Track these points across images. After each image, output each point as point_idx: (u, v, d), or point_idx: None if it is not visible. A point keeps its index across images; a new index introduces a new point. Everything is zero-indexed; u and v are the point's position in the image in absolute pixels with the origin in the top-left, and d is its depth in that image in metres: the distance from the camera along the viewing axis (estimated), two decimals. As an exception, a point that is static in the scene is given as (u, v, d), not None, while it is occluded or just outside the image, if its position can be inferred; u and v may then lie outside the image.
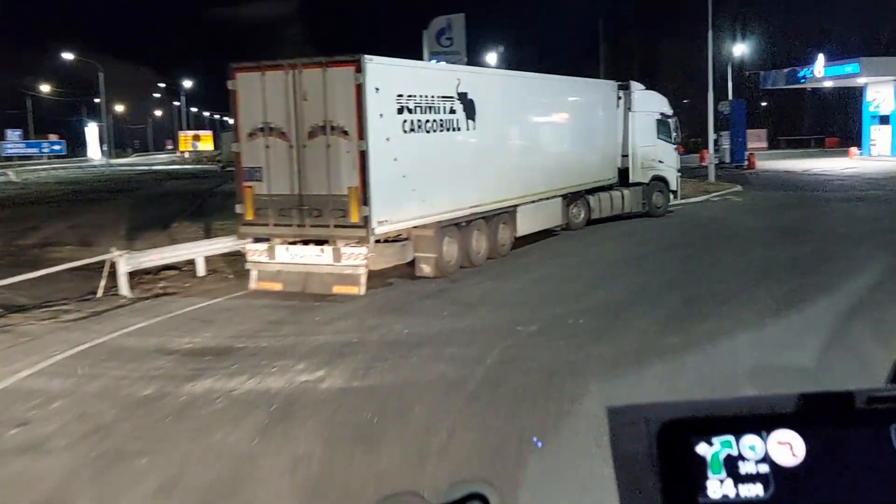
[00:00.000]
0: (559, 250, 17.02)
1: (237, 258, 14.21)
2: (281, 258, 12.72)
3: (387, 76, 12.73)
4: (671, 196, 22.69)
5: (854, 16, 61.55)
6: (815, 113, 72.05)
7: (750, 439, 0.74)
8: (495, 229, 15.91)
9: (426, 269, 13.89)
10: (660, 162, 22.27)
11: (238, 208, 13.04)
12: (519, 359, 9.00)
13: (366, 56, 12.17)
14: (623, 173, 21.68)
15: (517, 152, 17.10)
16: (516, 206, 16.66)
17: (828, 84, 47.83)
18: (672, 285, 12.81)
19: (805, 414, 0.74)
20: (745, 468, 0.73)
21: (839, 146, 66.89)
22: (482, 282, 13.87)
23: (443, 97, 14.06)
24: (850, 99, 67.71)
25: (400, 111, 12.93)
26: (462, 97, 14.57)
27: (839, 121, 71.14)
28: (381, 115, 12.47)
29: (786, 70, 47.98)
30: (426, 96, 13.59)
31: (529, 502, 5.49)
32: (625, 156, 21.69)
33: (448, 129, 14.18)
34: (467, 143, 14.94)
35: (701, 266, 14.50)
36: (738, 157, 42.43)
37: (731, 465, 0.73)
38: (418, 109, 13.35)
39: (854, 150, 47.23)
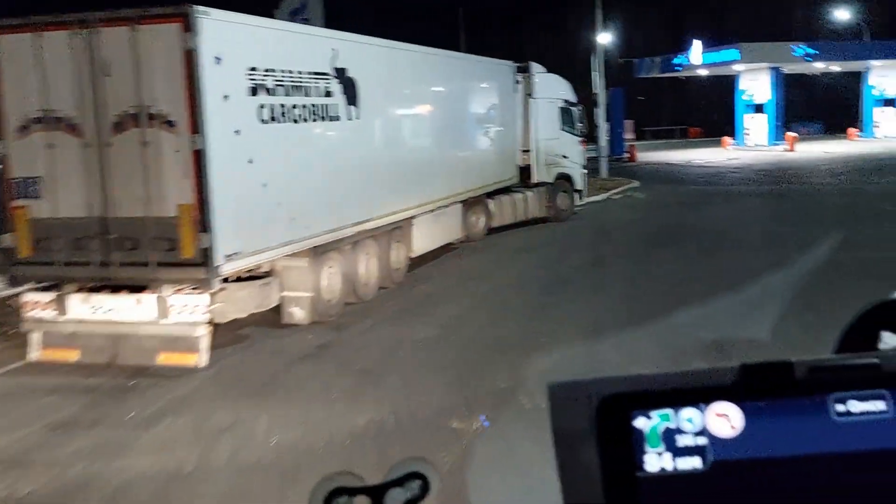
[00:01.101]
0: (466, 271, 13.41)
1: (8, 311, 9.75)
2: (77, 313, 8.44)
3: (233, 40, 8.71)
4: (577, 197, 19.57)
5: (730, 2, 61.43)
6: (677, 103, 72.02)
7: (688, 412, 0.73)
8: (387, 250, 12.14)
9: (299, 314, 9.95)
10: (564, 157, 19.08)
11: (6, 239, 8.63)
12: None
13: (198, 8, 8.09)
14: (523, 171, 18.35)
15: (413, 148, 13.37)
16: (412, 217, 12.94)
17: (703, 72, 46.58)
18: (634, 319, 9.39)
19: (744, 385, 0.73)
20: (682, 441, 0.72)
21: (702, 136, 67.18)
22: (378, 327, 10.08)
23: (315, 74, 10.13)
24: (718, 88, 67.87)
25: (254, 91, 8.94)
26: (341, 75, 10.69)
27: (703, 111, 71.42)
28: (225, 98, 8.44)
29: (660, 58, 46.40)
30: (292, 72, 9.63)
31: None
32: (525, 151, 18.36)
33: (323, 118, 10.29)
34: (350, 136, 11.09)
35: (651, 287, 11.24)
36: (618, 149, 40.15)
37: (669, 438, 0.72)
38: (281, 90, 9.39)
39: (728, 139, 46.21)
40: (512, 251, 15.10)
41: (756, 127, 44.92)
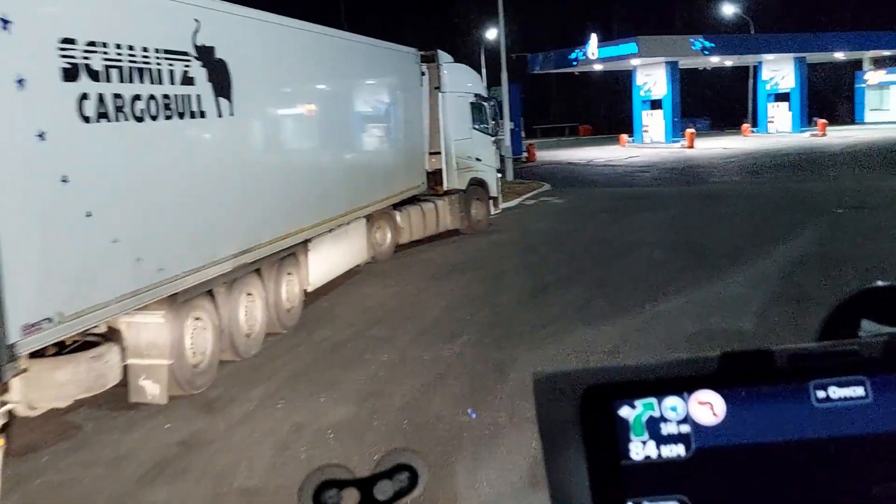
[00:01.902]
0: (376, 306, 10.71)
1: None
2: None
3: (33, -4, 5.79)
4: (492, 205, 17.16)
5: None
6: (566, 100, 71.10)
7: (671, 401, 0.73)
8: (277, 286, 9.35)
9: (152, 389, 7.07)
10: (477, 160, 16.64)
11: None
12: None
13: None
14: (432, 178, 15.81)
15: (305, 153, 10.63)
16: (308, 241, 10.17)
17: (599, 67, 45.22)
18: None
19: (726, 373, 0.74)
20: (666, 429, 0.73)
21: (593, 134, 66.51)
22: (268, 403, 7.29)
23: (169, 53, 7.24)
24: (611, 84, 67.29)
25: (71, 75, 6.00)
26: (206, 56, 7.83)
27: (594, 108, 70.75)
28: (19, 83, 5.49)
29: (554, 52, 44.75)
30: (133, 49, 6.73)
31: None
32: (434, 154, 15.82)
33: (182, 115, 7.40)
34: (221, 139, 8.24)
35: (624, 329, 8.86)
36: (517, 149, 38.18)
37: (653, 426, 0.73)
38: (115, 73, 6.47)
39: (625, 137, 45.03)
40: (429, 276, 12.49)
41: (654, 124, 43.86)
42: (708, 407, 0.74)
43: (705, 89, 59.61)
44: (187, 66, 7.50)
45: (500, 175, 17.73)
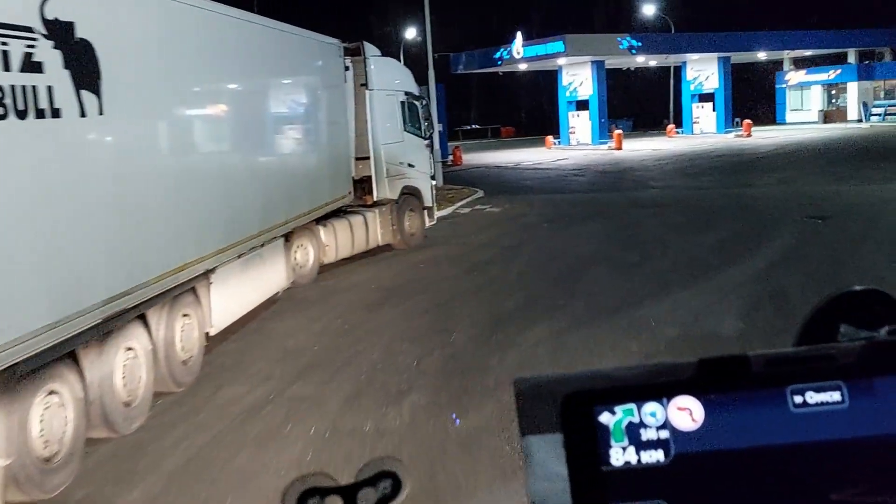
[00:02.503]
0: (301, 347, 8.72)
1: None
2: None
3: None
4: (426, 216, 15.30)
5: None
6: (487, 101, 69.83)
7: (651, 406, 0.73)
8: (169, 333, 7.29)
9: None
10: (410, 166, 14.77)
11: None
12: None
13: None
14: (360, 186, 13.88)
15: (205, 161, 8.51)
16: (210, 272, 8.11)
17: (524, 67, 43.85)
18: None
19: (704, 379, 0.74)
20: (646, 435, 0.73)
21: (516, 136, 65.43)
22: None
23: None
24: (535, 85, 66.26)
25: None
26: (60, 33, 5.74)
27: (517, 109, 69.66)
28: None
29: (478, 52, 43.18)
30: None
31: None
32: (362, 159, 13.89)
33: (23, 115, 5.29)
34: (86, 146, 6.15)
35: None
36: (443, 151, 36.44)
37: (632, 432, 0.73)
38: None
39: (551, 139, 43.80)
40: (361, 305, 10.54)
41: (581, 125, 42.73)
42: (687, 412, 0.73)
43: (627, 90, 59.13)
44: (31, 45, 5.40)
45: (434, 182, 15.88)
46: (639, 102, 62.84)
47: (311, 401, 7.08)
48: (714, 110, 46.13)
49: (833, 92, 51.10)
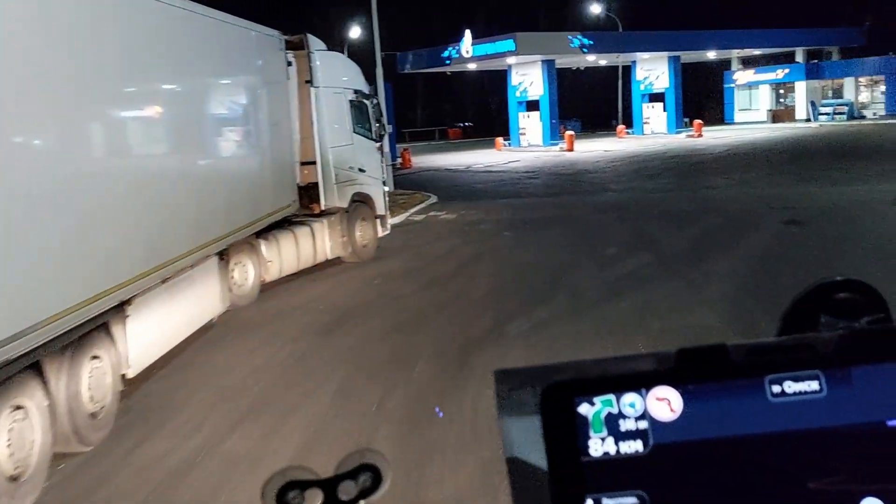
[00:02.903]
0: (238, 385, 7.43)
1: None
2: None
3: None
4: (379, 224, 14.07)
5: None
6: (435, 102, 68.72)
7: (630, 397, 0.74)
8: (72, 382, 5.96)
9: None
10: (361, 171, 13.53)
11: None
12: None
13: None
14: (306, 194, 12.63)
15: (124, 172, 7.14)
16: (126, 302, 6.78)
17: (473, 66, 42.81)
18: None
19: (683, 369, 0.74)
20: (625, 425, 0.73)
21: (464, 137, 64.45)
22: None
23: None
24: (483, 85, 65.39)
25: None
26: None
27: (465, 110, 68.69)
28: None
29: (426, 51, 42.02)
30: None
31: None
32: (307, 163, 12.63)
33: None
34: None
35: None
36: (391, 154, 35.21)
37: (611, 423, 0.73)
38: None
39: (501, 140, 42.85)
40: (309, 329, 9.28)
41: (531, 126, 41.84)
42: (665, 403, 0.73)
43: (574, 90, 58.57)
44: None
45: (387, 188, 14.65)
46: (586, 103, 62.41)
47: (250, 460, 5.81)
48: (665, 110, 45.68)
49: (781, 91, 51.17)
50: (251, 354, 8.45)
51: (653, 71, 45.54)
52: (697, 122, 42.92)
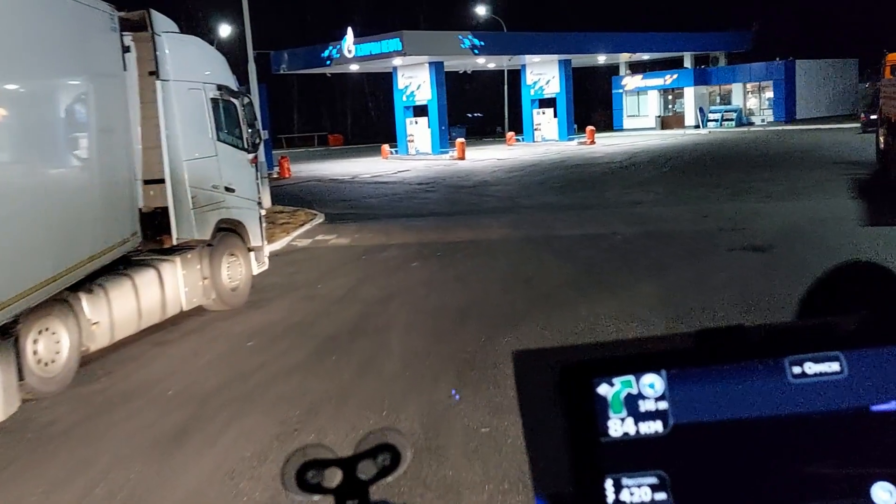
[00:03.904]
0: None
1: None
2: None
3: None
4: (254, 260, 10.90)
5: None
6: (311, 105, 65.09)
7: (649, 378, 0.74)
8: None
9: None
10: (228, 191, 10.35)
11: None
12: None
13: None
14: (152, 223, 9.38)
15: None
16: None
17: (356, 67, 39.67)
18: None
19: (702, 350, 0.74)
20: (644, 406, 0.73)
21: (346, 144, 61.25)
22: None
23: None
24: (361, 87, 62.31)
25: None
26: None
27: (343, 114, 65.42)
28: None
29: (304, 49, 38.60)
30: None
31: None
32: (153, 182, 9.37)
33: None
34: None
35: None
36: (268, 163, 31.71)
37: (631, 403, 0.73)
38: None
39: (387, 148, 39.93)
40: (149, 443, 6.09)
41: (419, 133, 39.09)
42: (684, 383, 0.73)
43: (459, 95, 56.32)
44: None
45: (262, 211, 11.47)
46: (471, 108, 60.34)
47: None
48: (556, 116, 43.88)
49: (670, 97, 50.39)
50: (46, 500, 5.21)
51: (543, 75, 43.68)
52: (590, 128, 41.27)
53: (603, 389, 0.73)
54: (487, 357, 7.50)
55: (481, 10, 50.04)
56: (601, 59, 47.33)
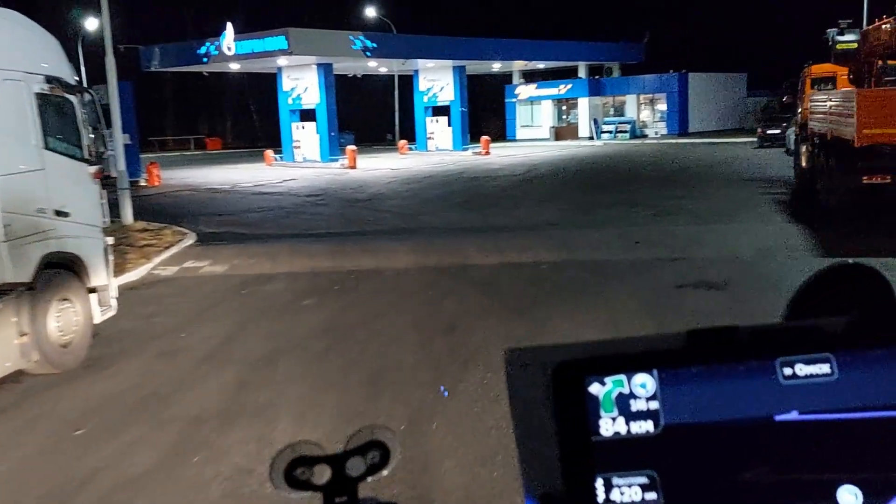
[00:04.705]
0: None
1: None
2: None
3: None
4: (96, 304, 8.38)
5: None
6: (189, 105, 61.21)
7: (641, 377, 0.74)
8: None
9: None
10: (60, 214, 7.81)
11: None
12: None
13: None
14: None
15: None
16: None
17: (236, 66, 36.69)
18: None
19: (694, 350, 0.74)
20: (636, 406, 0.73)
21: (226, 148, 57.91)
22: None
23: None
24: (244, 88, 58.93)
25: None
26: None
27: (222, 115, 61.88)
28: None
29: (178, 45, 35.39)
30: None
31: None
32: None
33: None
34: None
35: None
36: (134, 170, 28.44)
37: (622, 403, 0.73)
38: None
39: (272, 154, 37.15)
40: None
41: (306, 138, 36.50)
42: (676, 383, 0.73)
43: (347, 100, 53.91)
44: None
45: (109, 240, 8.93)
46: (360, 113, 58.06)
47: None
48: (450, 125, 42.11)
49: (564, 108, 49.48)
50: None
51: (437, 82, 41.86)
52: (485, 138, 39.69)
53: (595, 388, 0.73)
54: (412, 464, 5.34)
55: (371, 13, 47.80)
56: (496, 66, 45.93)
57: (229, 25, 32.58)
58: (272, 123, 41.98)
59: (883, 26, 14.53)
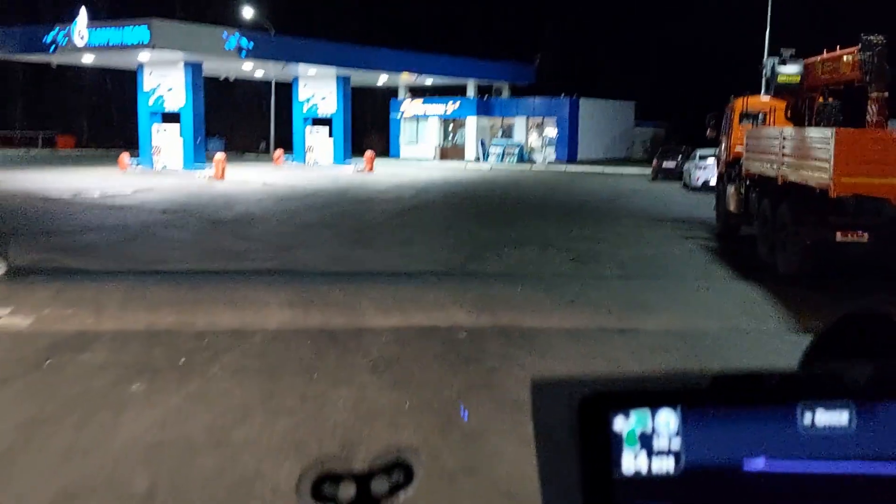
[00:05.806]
0: None
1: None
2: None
3: None
4: None
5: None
6: (37, 97, 55.51)
7: (665, 415, 0.72)
8: None
9: None
10: None
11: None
12: None
13: None
14: None
15: None
16: None
17: (90, 59, 32.46)
18: None
19: (717, 393, 0.73)
20: (658, 444, 0.72)
21: (79, 147, 52.83)
22: None
23: None
24: (104, 82, 54.13)
25: None
26: None
27: (78, 112, 56.58)
28: None
29: (20, 30, 30.91)
30: None
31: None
32: None
33: None
34: None
35: None
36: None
37: (645, 440, 0.72)
38: None
39: (126, 158, 33.09)
40: None
41: (168, 142, 32.66)
42: (699, 424, 0.72)
43: (218, 104, 49.95)
44: None
45: None
46: (231, 119, 54.13)
47: None
48: (331, 137, 39.06)
49: (451, 127, 47.27)
50: None
51: (318, 91, 38.78)
52: (369, 153, 36.90)
53: (619, 424, 0.72)
54: None
55: (248, 13, 44.16)
56: (382, 78, 43.28)
57: (83, 10, 28.54)
58: (134, 124, 37.82)
59: (844, 57, 12.70)
